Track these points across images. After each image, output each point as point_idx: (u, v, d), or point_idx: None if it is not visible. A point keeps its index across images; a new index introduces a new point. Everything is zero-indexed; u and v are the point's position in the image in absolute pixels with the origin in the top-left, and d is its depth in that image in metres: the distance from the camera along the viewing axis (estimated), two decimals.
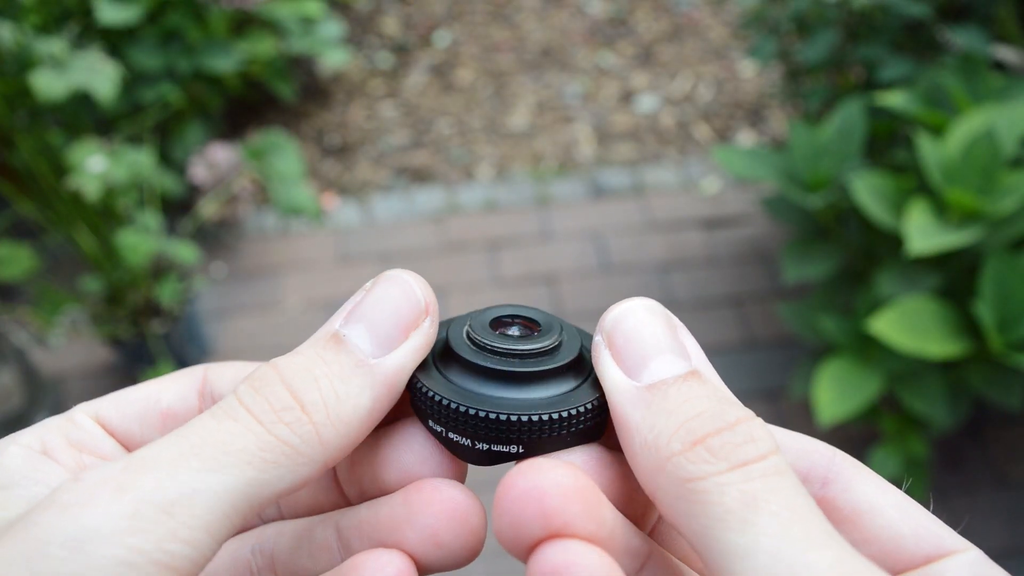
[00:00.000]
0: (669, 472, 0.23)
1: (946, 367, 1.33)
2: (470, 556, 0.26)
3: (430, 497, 0.26)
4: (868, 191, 1.29)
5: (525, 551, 0.22)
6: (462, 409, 0.26)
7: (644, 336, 0.26)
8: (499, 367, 0.27)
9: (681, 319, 0.28)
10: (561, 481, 0.22)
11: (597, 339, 0.27)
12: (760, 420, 0.24)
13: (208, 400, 0.30)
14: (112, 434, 0.28)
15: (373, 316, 0.26)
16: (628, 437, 0.24)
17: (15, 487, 0.24)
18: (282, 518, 0.30)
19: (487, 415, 0.25)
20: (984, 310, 1.19)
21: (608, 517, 0.23)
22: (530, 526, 0.22)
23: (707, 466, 0.22)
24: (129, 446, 0.29)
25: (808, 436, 0.28)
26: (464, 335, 0.29)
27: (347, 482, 0.29)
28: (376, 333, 0.26)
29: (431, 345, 0.27)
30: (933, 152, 1.23)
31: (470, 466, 0.28)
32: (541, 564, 0.21)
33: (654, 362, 0.25)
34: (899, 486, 0.27)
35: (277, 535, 0.29)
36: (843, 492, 0.26)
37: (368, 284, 0.28)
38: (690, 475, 0.22)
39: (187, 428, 0.23)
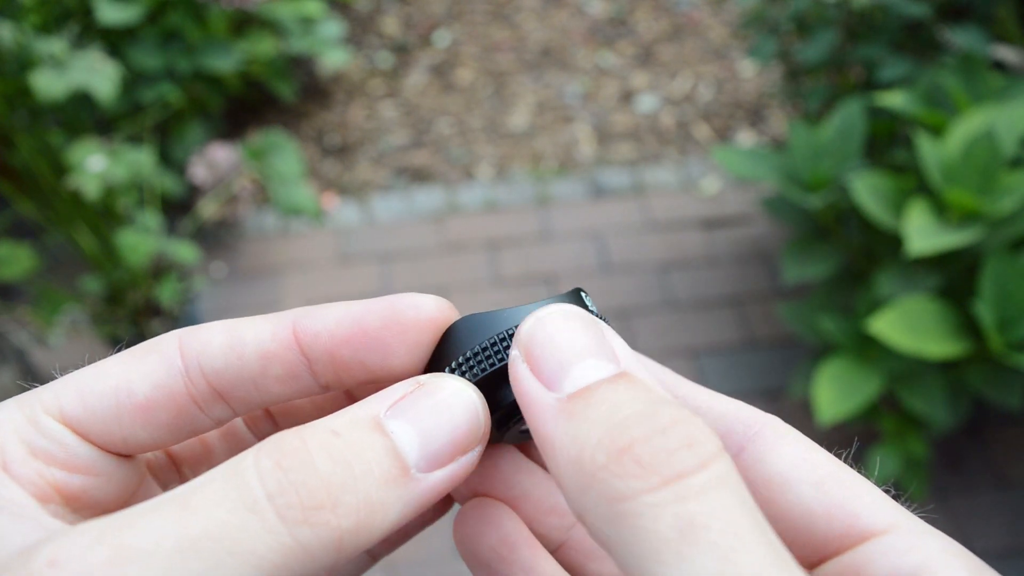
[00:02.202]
0: (596, 491, 0.20)
1: (946, 367, 1.33)
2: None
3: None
4: (868, 191, 1.29)
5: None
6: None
7: (562, 342, 0.23)
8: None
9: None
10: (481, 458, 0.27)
11: (514, 353, 0.23)
12: (701, 420, 0.21)
13: (199, 379, 0.25)
14: (86, 436, 0.24)
15: (429, 424, 0.23)
16: (552, 456, 0.21)
17: None
18: None
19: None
20: (984, 310, 1.19)
21: (521, 481, 0.29)
22: (462, 491, 0.29)
23: (636, 482, 0.19)
24: (110, 447, 0.25)
25: (738, 401, 0.26)
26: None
27: None
28: (427, 444, 0.23)
29: (467, 475, 0.25)
30: (933, 152, 1.23)
31: None
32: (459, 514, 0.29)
33: (576, 368, 0.22)
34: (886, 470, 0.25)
35: None
36: (756, 462, 0.24)
37: (423, 379, 0.25)
38: (618, 494, 0.19)
39: (192, 508, 0.20)
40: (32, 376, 1.71)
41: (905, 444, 1.37)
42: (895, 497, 0.24)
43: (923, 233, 1.17)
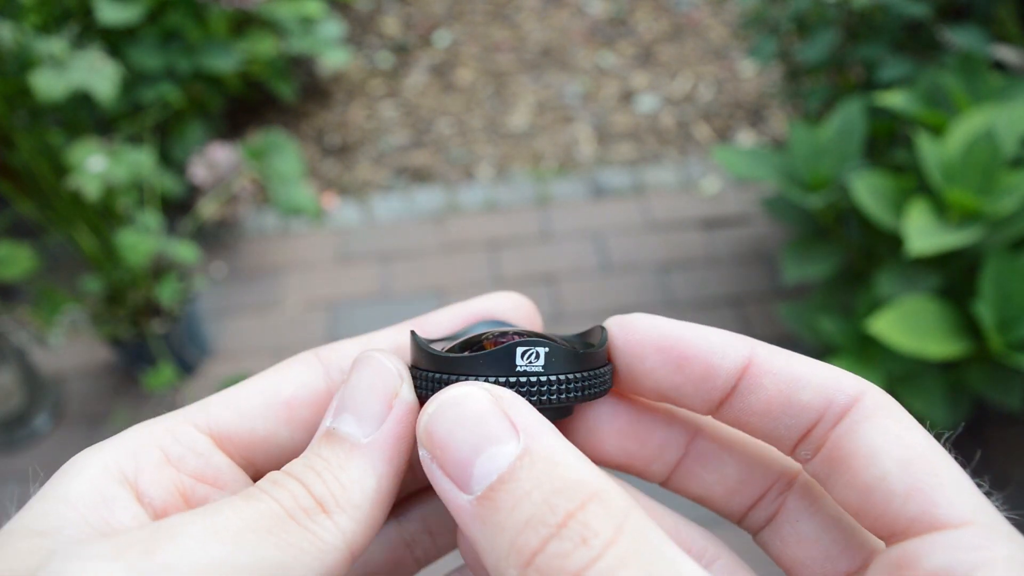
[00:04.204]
0: None
1: (946, 367, 1.33)
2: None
3: None
4: (868, 191, 1.29)
5: None
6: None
7: (459, 437, 0.23)
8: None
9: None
10: None
11: (423, 453, 0.24)
12: (605, 495, 0.21)
13: (338, 376, 0.29)
14: (227, 443, 0.27)
15: (354, 401, 0.26)
16: (483, 558, 0.23)
17: (57, 533, 0.22)
18: None
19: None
20: (984, 310, 1.19)
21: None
22: None
23: None
24: (250, 452, 0.27)
25: (838, 369, 0.26)
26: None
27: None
28: (361, 415, 0.26)
29: (415, 411, 0.27)
30: (933, 152, 1.23)
31: None
32: None
33: (478, 464, 0.23)
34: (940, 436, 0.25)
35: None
36: (848, 432, 0.25)
37: (347, 374, 0.28)
38: None
39: (215, 504, 0.23)
40: (32, 376, 1.71)
41: None
42: (987, 493, 0.24)
43: (923, 233, 1.17)
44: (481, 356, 0.26)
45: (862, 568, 0.26)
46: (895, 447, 0.24)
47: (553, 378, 0.26)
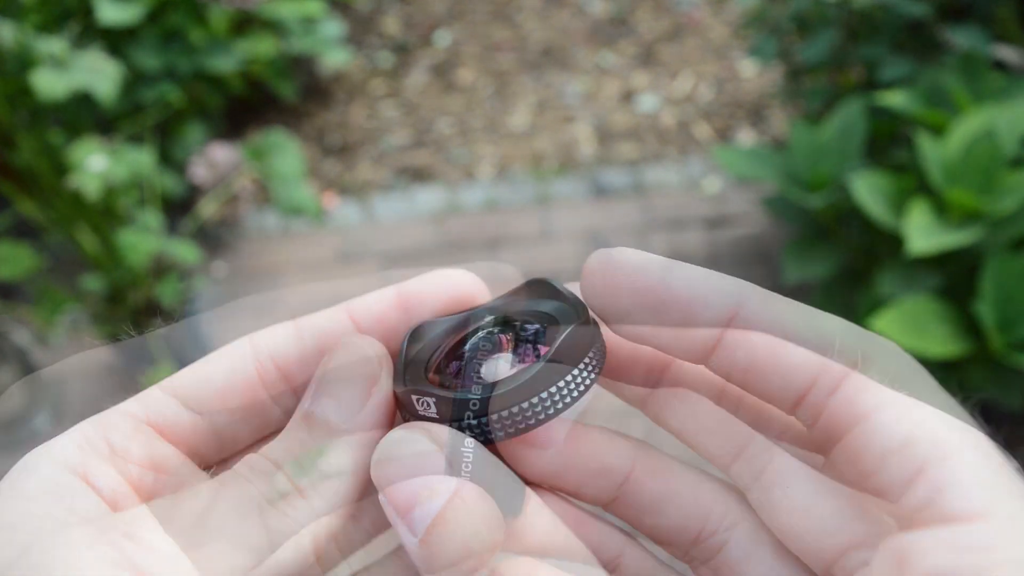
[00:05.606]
0: None
1: (946, 367, 1.33)
2: None
3: None
4: (868, 191, 1.29)
5: None
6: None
7: (405, 481, 0.24)
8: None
9: None
10: None
11: (380, 497, 0.25)
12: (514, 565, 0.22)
13: (267, 361, 0.29)
14: (170, 433, 0.27)
15: (333, 387, 0.27)
16: None
17: (26, 524, 0.23)
18: None
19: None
20: (985, 310, 1.19)
21: (563, 452, 0.29)
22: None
23: None
24: (193, 445, 0.28)
25: (847, 322, 0.23)
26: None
27: None
28: (340, 401, 0.27)
29: (390, 396, 0.28)
30: (933, 152, 1.23)
31: None
32: None
33: (418, 507, 0.23)
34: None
35: None
36: (845, 403, 0.22)
37: (325, 358, 0.28)
38: None
39: (195, 488, 0.24)
40: (33, 376, 1.71)
41: None
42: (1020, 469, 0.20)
43: (924, 232, 1.17)
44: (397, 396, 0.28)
45: (869, 545, 0.22)
46: (899, 422, 0.20)
47: (496, 416, 0.26)
